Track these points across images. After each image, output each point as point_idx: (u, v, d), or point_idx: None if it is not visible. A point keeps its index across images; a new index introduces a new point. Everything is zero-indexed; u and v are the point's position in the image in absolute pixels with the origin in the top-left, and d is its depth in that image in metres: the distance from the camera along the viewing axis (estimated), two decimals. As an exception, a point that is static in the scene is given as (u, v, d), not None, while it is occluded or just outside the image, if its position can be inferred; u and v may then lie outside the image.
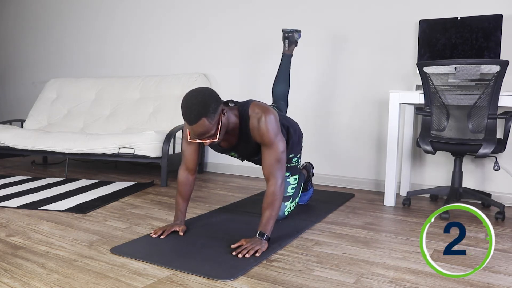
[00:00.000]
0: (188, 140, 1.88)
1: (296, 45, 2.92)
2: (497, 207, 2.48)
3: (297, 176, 2.41)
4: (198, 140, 1.82)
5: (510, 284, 1.57)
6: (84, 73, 4.81)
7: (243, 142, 2.03)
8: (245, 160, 2.31)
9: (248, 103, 1.99)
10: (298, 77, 3.54)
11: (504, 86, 2.68)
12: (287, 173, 2.34)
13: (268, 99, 3.66)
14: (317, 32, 3.44)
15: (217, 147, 2.13)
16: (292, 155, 2.39)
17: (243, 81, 3.80)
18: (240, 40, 3.80)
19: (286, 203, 2.32)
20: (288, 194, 2.34)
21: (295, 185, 2.40)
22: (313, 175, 2.76)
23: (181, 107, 1.78)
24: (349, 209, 2.66)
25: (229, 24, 3.85)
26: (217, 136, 1.82)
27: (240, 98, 3.76)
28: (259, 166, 2.46)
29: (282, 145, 1.96)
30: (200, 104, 1.73)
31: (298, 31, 2.93)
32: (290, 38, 2.87)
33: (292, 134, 2.30)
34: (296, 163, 2.41)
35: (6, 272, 1.59)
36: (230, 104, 2.05)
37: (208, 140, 1.82)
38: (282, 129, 2.24)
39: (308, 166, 2.73)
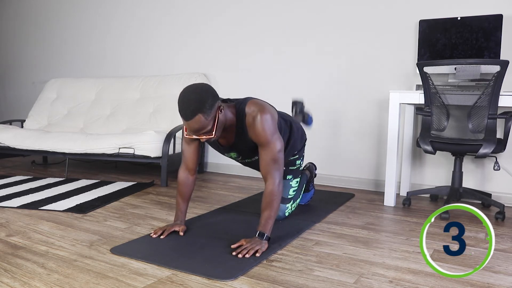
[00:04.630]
0: (185, 135, 1.88)
1: (304, 117, 2.76)
2: (497, 207, 2.48)
3: (299, 179, 2.41)
4: (194, 136, 1.81)
5: (510, 284, 1.57)
6: (84, 73, 4.81)
7: (241, 139, 2.02)
8: (246, 165, 2.30)
9: (245, 100, 1.97)
10: (298, 78, 3.54)
11: (504, 86, 2.68)
12: (290, 176, 2.34)
13: (268, 99, 3.67)
14: (316, 32, 3.44)
15: (217, 146, 2.13)
16: (297, 156, 2.39)
17: (243, 81, 3.80)
18: (240, 40, 3.80)
19: (287, 205, 2.32)
20: (289, 196, 2.34)
21: (296, 187, 2.40)
22: (315, 176, 2.75)
23: (178, 102, 1.77)
24: (349, 209, 2.66)
25: (229, 24, 3.85)
26: (213, 133, 1.81)
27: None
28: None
29: (279, 144, 1.93)
30: (196, 99, 1.72)
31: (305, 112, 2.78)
32: (298, 106, 2.74)
33: (294, 131, 2.29)
34: (299, 166, 2.41)
35: (6, 272, 1.59)
36: (228, 102, 2.03)
37: (205, 136, 1.81)
38: (284, 124, 2.23)
39: (312, 167, 2.72)
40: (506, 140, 2.51)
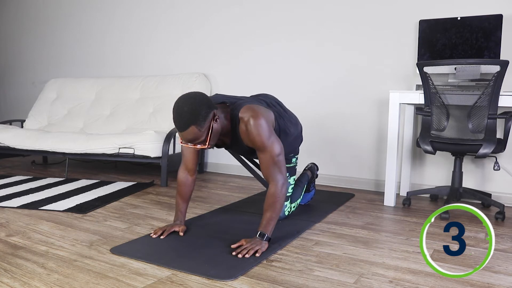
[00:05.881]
0: (180, 143, 1.88)
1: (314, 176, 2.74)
2: (497, 207, 2.48)
3: (295, 176, 2.41)
4: (189, 145, 1.81)
5: (510, 284, 1.57)
6: (84, 73, 4.81)
7: (236, 144, 2.02)
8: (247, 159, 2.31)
9: (240, 105, 1.94)
10: (298, 78, 3.54)
11: (504, 86, 2.69)
12: (287, 174, 2.34)
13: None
14: (317, 32, 3.44)
15: (214, 146, 2.13)
16: (292, 154, 2.38)
17: (243, 80, 3.80)
18: (240, 40, 3.80)
19: (286, 203, 2.32)
20: (287, 194, 2.34)
21: (294, 185, 2.40)
22: (317, 177, 2.75)
23: (172, 112, 1.76)
24: (349, 209, 2.66)
25: (229, 23, 3.85)
26: (207, 143, 1.80)
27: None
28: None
29: (278, 147, 1.91)
30: (189, 111, 1.71)
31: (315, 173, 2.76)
32: (313, 170, 2.72)
33: (300, 127, 2.31)
34: (295, 164, 2.41)
35: (6, 272, 1.59)
36: (225, 103, 2.01)
37: (199, 146, 1.81)
38: (294, 118, 2.23)
39: (313, 167, 2.72)
40: (506, 140, 2.51)
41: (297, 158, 2.42)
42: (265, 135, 1.89)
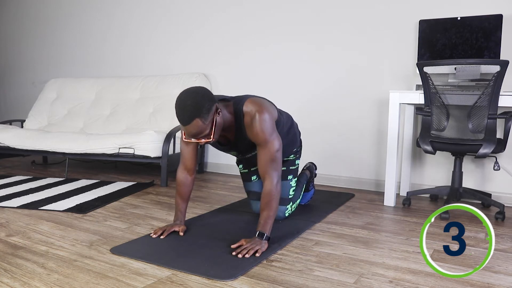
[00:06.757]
0: (184, 140, 1.88)
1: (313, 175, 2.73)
2: (497, 207, 2.48)
3: (296, 178, 2.42)
4: (193, 140, 1.81)
5: (510, 284, 1.57)
6: (84, 73, 4.81)
7: (240, 138, 2.02)
8: (245, 160, 2.30)
9: (243, 99, 1.96)
10: (298, 78, 3.54)
11: (504, 86, 2.69)
12: (290, 176, 2.34)
13: (268, 99, 3.66)
14: (317, 32, 3.44)
15: (217, 145, 2.13)
16: (297, 156, 2.39)
17: (243, 80, 3.80)
18: (240, 40, 3.80)
19: (287, 206, 2.32)
20: (289, 197, 2.34)
21: (295, 186, 2.40)
22: (315, 176, 2.75)
23: (175, 107, 1.77)
24: (349, 209, 2.66)
25: (229, 23, 3.85)
26: (212, 136, 1.81)
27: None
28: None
29: (277, 144, 1.93)
30: (193, 104, 1.72)
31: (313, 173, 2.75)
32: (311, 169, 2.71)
33: (295, 126, 2.30)
34: (298, 165, 2.42)
35: (6, 272, 1.59)
36: (226, 100, 2.02)
37: (203, 140, 1.81)
38: (286, 117, 2.24)
39: (312, 167, 2.72)
40: (506, 140, 2.51)
41: (299, 160, 2.42)
42: (268, 131, 1.90)
